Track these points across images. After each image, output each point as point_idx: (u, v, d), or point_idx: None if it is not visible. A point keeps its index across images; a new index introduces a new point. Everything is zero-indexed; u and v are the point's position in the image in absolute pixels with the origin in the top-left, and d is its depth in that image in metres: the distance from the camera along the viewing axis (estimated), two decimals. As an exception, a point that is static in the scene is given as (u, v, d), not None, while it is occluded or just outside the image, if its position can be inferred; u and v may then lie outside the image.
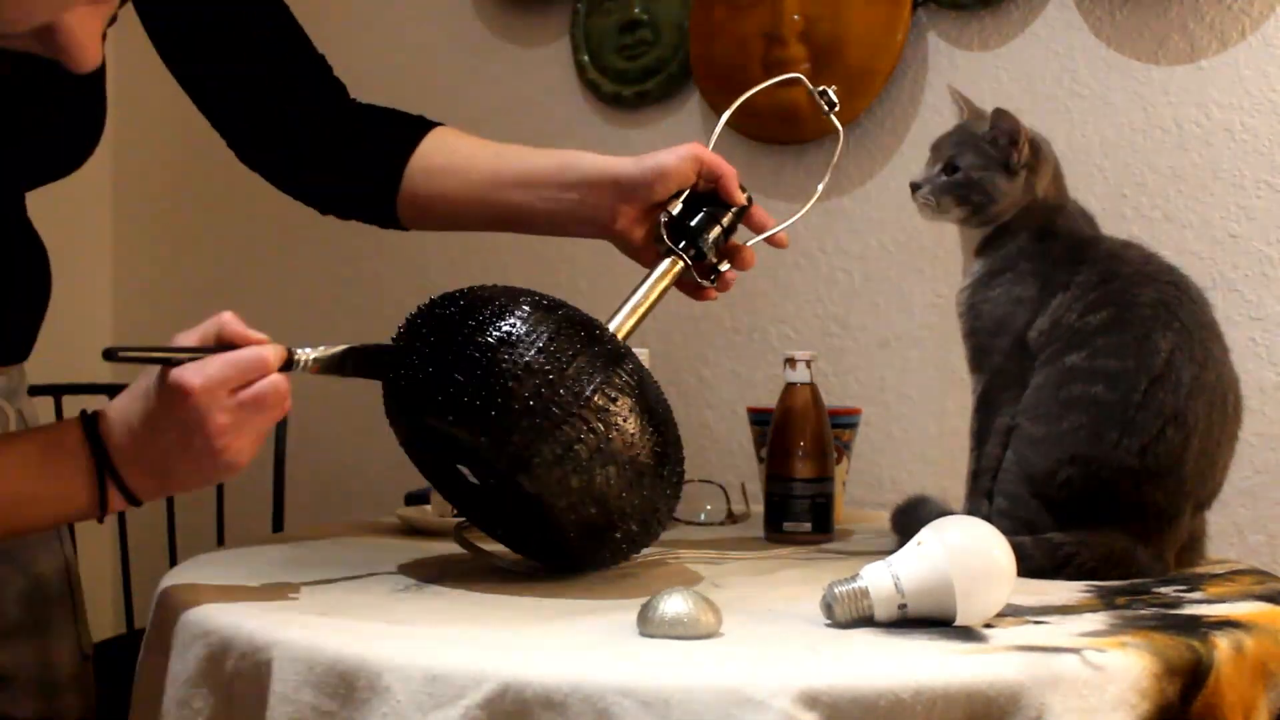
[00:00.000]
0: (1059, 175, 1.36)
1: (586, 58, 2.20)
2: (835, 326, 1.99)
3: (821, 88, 1.35)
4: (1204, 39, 1.72)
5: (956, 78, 1.89)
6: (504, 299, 1.07)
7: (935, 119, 1.90)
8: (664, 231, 1.23)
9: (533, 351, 1.03)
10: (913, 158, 1.92)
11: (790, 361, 1.45)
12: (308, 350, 1.04)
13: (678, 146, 1.25)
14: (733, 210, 1.25)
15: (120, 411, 0.99)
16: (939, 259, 1.90)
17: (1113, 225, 1.41)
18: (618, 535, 1.08)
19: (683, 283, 1.25)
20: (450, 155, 1.29)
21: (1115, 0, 1.78)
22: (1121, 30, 1.78)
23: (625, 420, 1.04)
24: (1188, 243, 1.71)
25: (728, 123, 2.04)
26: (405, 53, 2.44)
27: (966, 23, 1.88)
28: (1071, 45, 1.81)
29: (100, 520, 1.02)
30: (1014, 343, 1.29)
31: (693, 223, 1.23)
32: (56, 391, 2.21)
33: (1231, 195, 1.70)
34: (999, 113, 1.32)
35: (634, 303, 1.20)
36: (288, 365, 1.02)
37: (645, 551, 1.34)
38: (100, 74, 1.17)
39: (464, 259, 2.33)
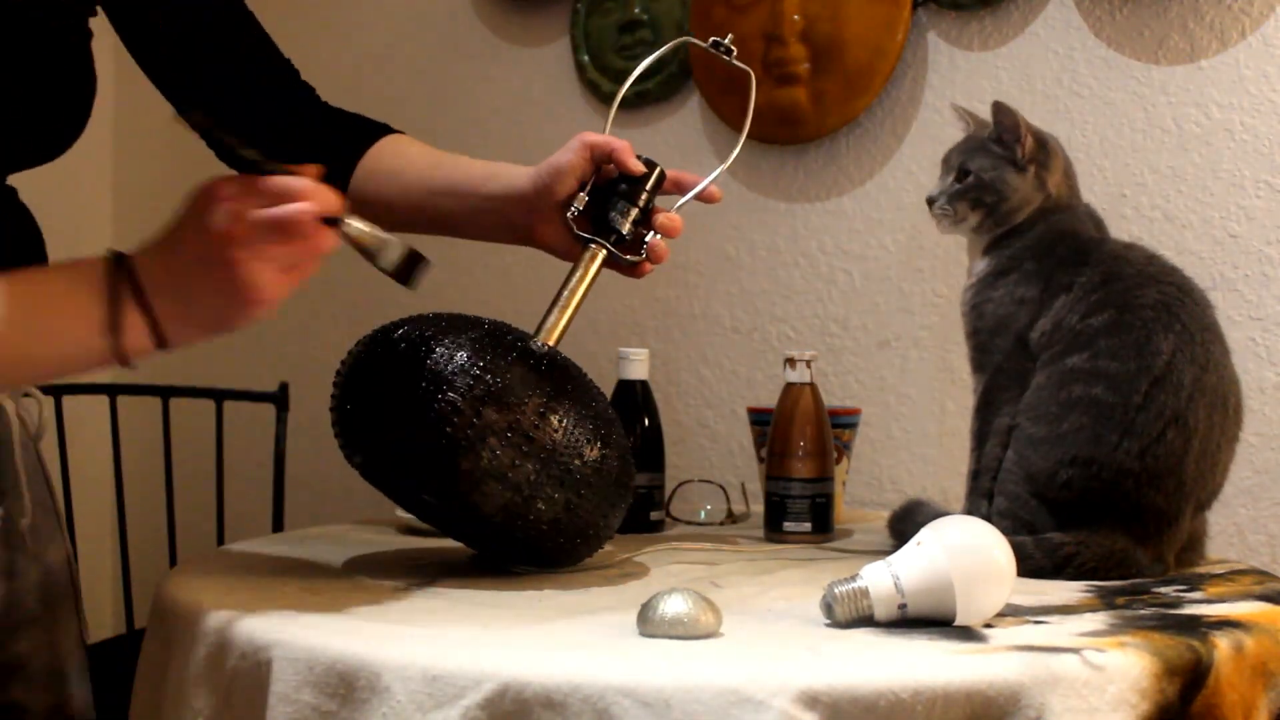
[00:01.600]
0: (1070, 174, 1.37)
1: (586, 58, 2.20)
2: (835, 326, 1.99)
3: (713, 39, 1.35)
4: (1204, 39, 1.72)
5: (956, 77, 1.89)
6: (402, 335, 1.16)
7: (935, 119, 1.90)
8: (573, 225, 1.24)
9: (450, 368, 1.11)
10: (913, 158, 1.92)
11: (790, 361, 1.45)
12: (356, 222, 1.00)
13: (568, 141, 1.25)
14: (647, 184, 1.24)
15: (146, 242, 0.96)
16: (939, 259, 1.90)
17: (1113, 225, 1.41)
18: (541, 507, 1.11)
19: (616, 265, 1.26)
20: (393, 160, 1.32)
21: (1115, 0, 1.78)
22: (1121, 30, 1.78)
23: (499, 386, 1.10)
24: (1188, 243, 1.71)
25: (728, 122, 2.05)
26: (406, 53, 2.43)
27: (966, 23, 1.88)
28: (1071, 45, 1.81)
29: (123, 362, 0.95)
30: (1015, 343, 1.29)
31: (607, 208, 1.24)
32: (56, 392, 2.21)
33: (1231, 195, 1.70)
34: (997, 107, 1.33)
35: (561, 302, 1.21)
36: (333, 222, 0.98)
37: (645, 551, 1.34)
38: (86, 47, 1.17)
39: (464, 266, 2.33)
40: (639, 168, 1.24)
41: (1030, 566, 1.17)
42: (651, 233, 1.24)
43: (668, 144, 2.13)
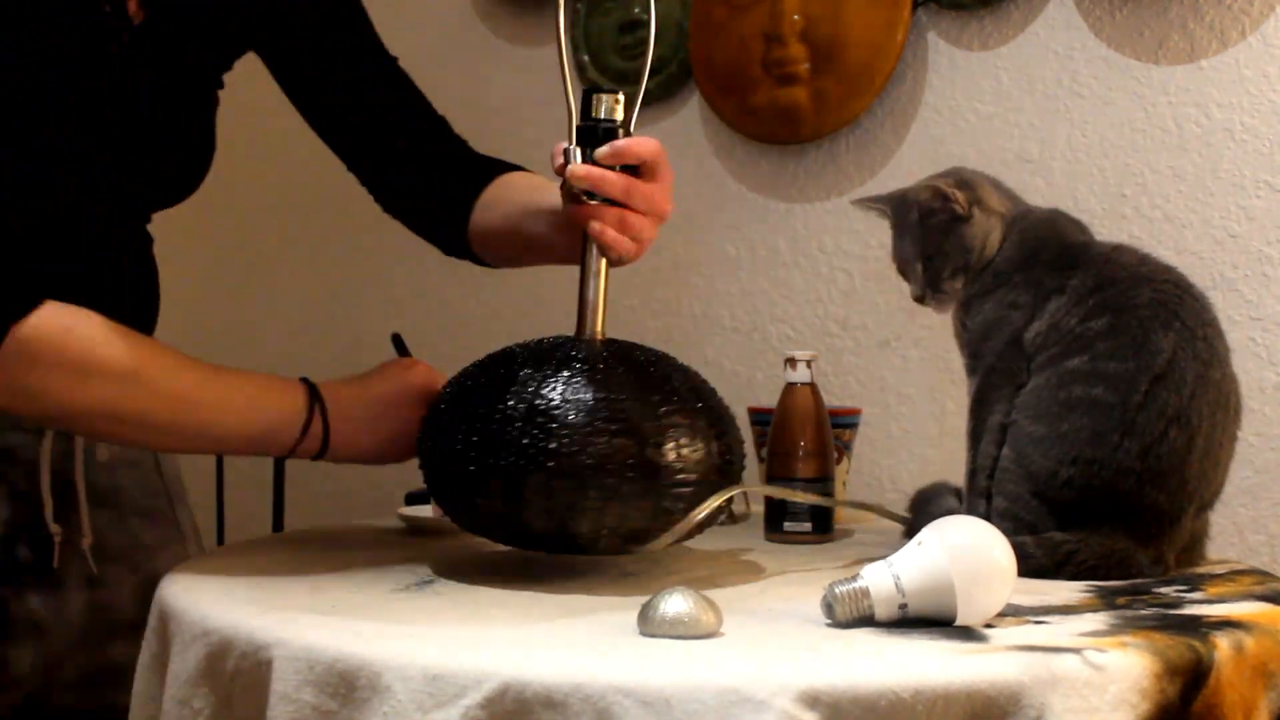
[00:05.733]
0: (998, 185, 1.35)
1: (586, 58, 2.20)
2: (835, 326, 1.99)
3: None
4: (1204, 39, 1.72)
5: (956, 77, 1.89)
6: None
7: (935, 119, 1.91)
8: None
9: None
10: (913, 158, 1.92)
11: (790, 361, 1.45)
12: None
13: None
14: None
15: (336, 380, 1.22)
16: (939, 259, 1.90)
17: (1113, 225, 1.41)
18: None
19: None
20: (503, 189, 1.36)
21: (1115, 0, 1.78)
22: (1121, 30, 1.78)
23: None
24: (1188, 243, 1.71)
25: (728, 122, 2.05)
26: (405, 53, 2.42)
27: (966, 23, 1.88)
28: (1071, 45, 1.81)
29: (284, 454, 1.20)
30: (1007, 343, 1.29)
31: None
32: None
33: (1231, 195, 1.70)
34: (915, 189, 1.33)
35: (592, 293, 1.18)
36: None
37: (645, 551, 1.34)
38: (212, 112, 1.30)
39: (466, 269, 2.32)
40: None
41: (1030, 566, 1.17)
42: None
43: (668, 143, 2.12)
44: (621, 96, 1.18)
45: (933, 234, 1.32)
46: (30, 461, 1.24)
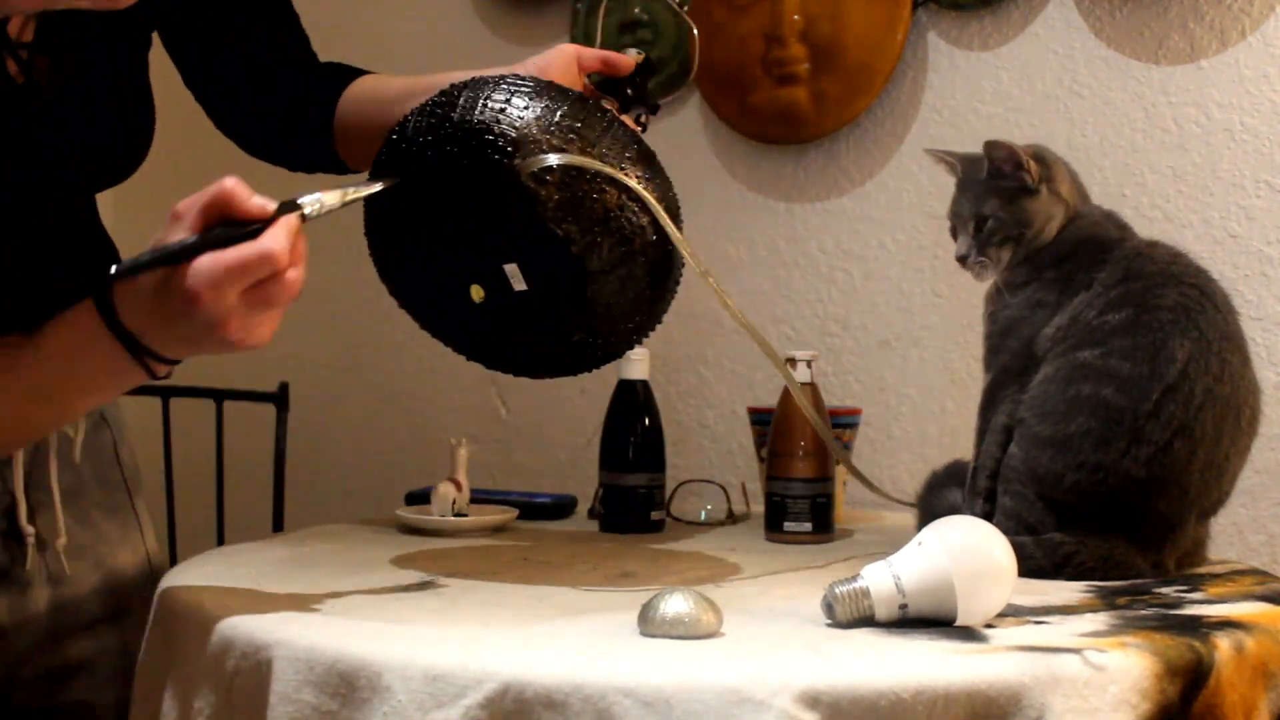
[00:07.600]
0: (1074, 176, 1.36)
1: (586, 57, 2.20)
2: (835, 326, 1.99)
3: None
4: (1204, 39, 1.72)
5: (956, 77, 1.89)
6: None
7: (935, 119, 1.90)
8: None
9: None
10: (913, 158, 1.92)
11: (790, 361, 1.45)
12: (319, 200, 1.01)
13: (552, 49, 1.30)
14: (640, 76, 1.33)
15: (136, 298, 0.99)
16: (939, 259, 1.90)
17: (1113, 225, 1.41)
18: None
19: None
20: (374, 84, 1.35)
21: (1115, 0, 1.78)
22: (1121, 30, 1.78)
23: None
24: (1188, 243, 1.71)
25: (728, 122, 2.05)
26: (405, 52, 2.43)
27: (966, 23, 1.88)
28: (1071, 45, 1.81)
29: (156, 379, 1.03)
30: (1025, 344, 1.29)
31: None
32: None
33: (1231, 195, 1.70)
34: (990, 144, 1.31)
35: None
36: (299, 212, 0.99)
37: (645, 551, 1.34)
38: (144, 76, 1.24)
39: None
40: (631, 62, 1.31)
41: (1030, 566, 1.17)
42: (644, 114, 1.31)
43: (669, 143, 2.12)
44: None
45: (996, 195, 1.31)
46: (2, 463, 1.20)
